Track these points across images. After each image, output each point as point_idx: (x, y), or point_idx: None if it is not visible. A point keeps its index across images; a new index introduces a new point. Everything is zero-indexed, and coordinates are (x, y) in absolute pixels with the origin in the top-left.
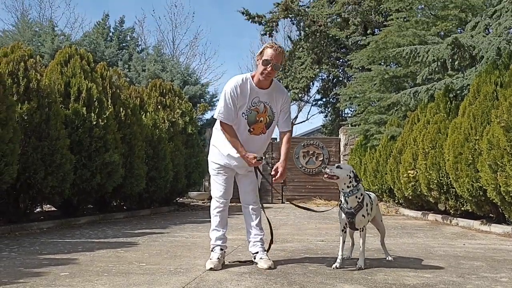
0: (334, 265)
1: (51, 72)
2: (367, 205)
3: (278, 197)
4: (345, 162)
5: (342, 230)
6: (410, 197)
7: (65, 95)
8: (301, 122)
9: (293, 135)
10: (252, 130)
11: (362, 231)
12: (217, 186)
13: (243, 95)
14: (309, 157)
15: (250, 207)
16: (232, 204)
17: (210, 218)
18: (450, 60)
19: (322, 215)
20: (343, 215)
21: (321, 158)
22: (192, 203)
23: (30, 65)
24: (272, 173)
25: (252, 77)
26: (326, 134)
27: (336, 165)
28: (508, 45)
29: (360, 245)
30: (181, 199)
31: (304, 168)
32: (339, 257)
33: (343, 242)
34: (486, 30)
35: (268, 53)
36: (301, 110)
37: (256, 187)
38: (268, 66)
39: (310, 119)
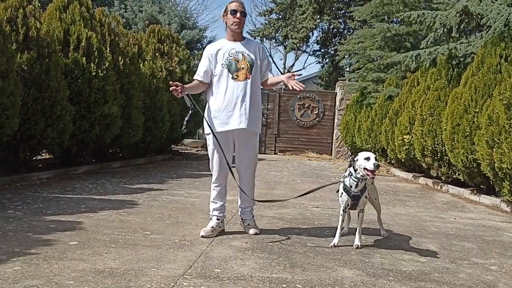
0: (332, 243)
1: (50, 18)
2: (367, 186)
3: (271, 148)
4: (340, 117)
5: (344, 211)
6: (402, 160)
7: (64, 43)
8: (297, 71)
9: None
10: (236, 77)
11: (362, 212)
12: (213, 161)
13: (218, 49)
14: (304, 110)
15: (242, 172)
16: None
17: (204, 171)
18: (457, 27)
19: (315, 173)
20: (347, 198)
21: (316, 112)
22: (186, 151)
23: (29, 11)
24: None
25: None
26: (323, 86)
27: (365, 156)
28: None
29: (358, 225)
30: (175, 146)
31: (298, 120)
32: (337, 235)
33: (343, 221)
34: None
35: (232, 5)
36: (297, 59)
37: (253, 157)
38: (236, 14)
39: (306, 68)
